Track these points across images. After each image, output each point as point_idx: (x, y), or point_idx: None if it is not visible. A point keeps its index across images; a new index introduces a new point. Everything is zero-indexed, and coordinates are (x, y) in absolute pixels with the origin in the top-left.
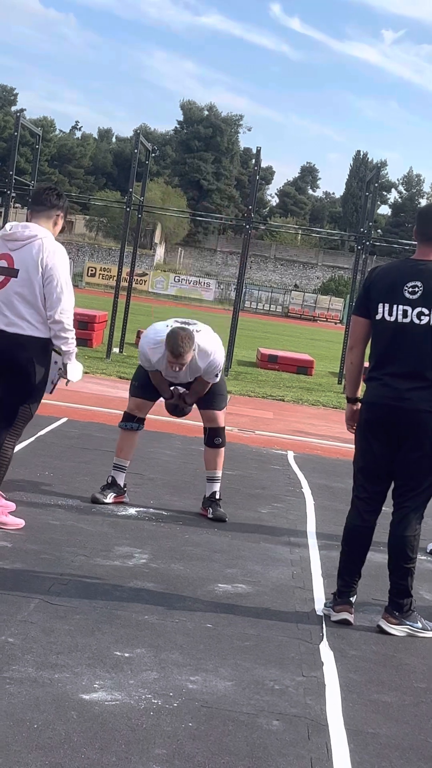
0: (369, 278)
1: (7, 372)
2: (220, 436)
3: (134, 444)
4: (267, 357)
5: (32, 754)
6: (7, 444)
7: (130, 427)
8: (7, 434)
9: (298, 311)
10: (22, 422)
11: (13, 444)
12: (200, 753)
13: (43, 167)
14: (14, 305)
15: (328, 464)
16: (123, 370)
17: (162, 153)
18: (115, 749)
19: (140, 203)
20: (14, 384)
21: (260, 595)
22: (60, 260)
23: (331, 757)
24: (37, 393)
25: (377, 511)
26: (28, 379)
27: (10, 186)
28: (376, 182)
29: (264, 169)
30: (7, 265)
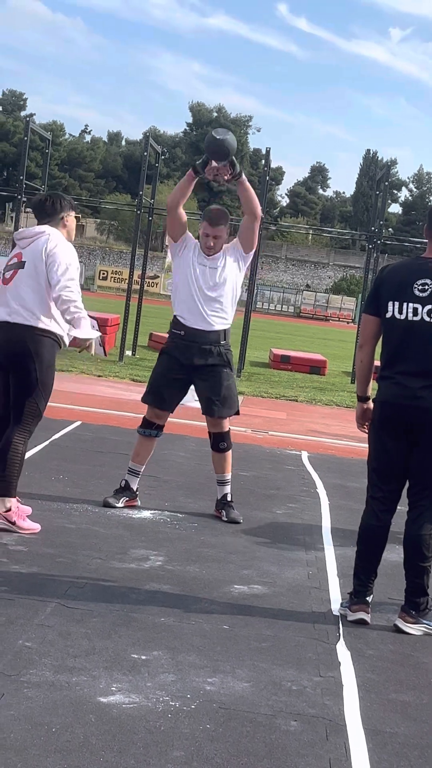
0: (379, 276)
1: (10, 368)
2: (225, 440)
3: (151, 450)
4: (279, 357)
5: (51, 758)
6: (17, 440)
7: (148, 434)
8: (17, 431)
9: (310, 311)
10: (30, 418)
11: (23, 440)
12: (219, 754)
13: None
14: (20, 295)
15: (343, 464)
16: (136, 373)
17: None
18: (134, 752)
19: (151, 206)
20: (19, 378)
21: (276, 595)
22: (64, 249)
23: (349, 757)
24: (42, 387)
25: (392, 510)
26: (30, 374)
27: (20, 191)
28: (387, 181)
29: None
30: (17, 260)
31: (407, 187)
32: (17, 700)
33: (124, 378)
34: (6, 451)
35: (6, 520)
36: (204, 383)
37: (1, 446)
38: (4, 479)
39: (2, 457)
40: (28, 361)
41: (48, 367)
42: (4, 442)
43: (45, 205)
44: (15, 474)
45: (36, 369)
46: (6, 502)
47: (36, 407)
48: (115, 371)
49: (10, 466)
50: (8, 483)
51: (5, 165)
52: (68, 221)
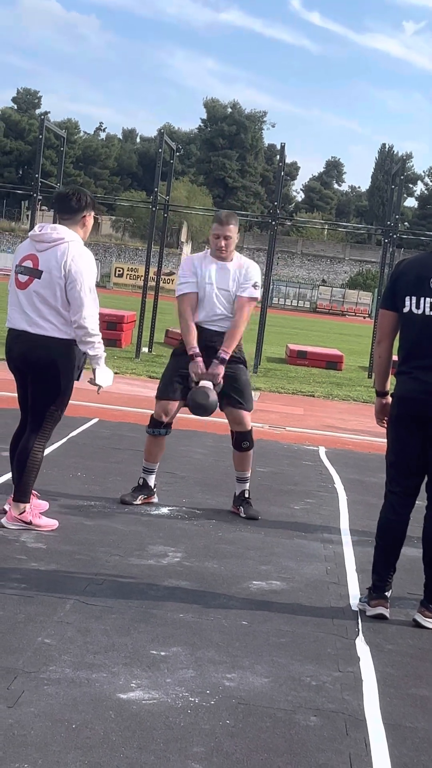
0: (395, 271)
1: (31, 374)
2: (248, 439)
3: (162, 448)
4: (296, 353)
5: (71, 754)
6: (36, 447)
7: (157, 433)
8: (36, 437)
9: (326, 306)
10: (50, 424)
11: (42, 446)
12: (238, 750)
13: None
14: (36, 306)
15: (360, 459)
16: (153, 370)
17: (186, 152)
18: (154, 748)
19: (166, 202)
20: (39, 386)
21: (295, 591)
22: (85, 265)
23: (369, 752)
24: (63, 395)
25: (411, 504)
26: (52, 381)
27: (36, 189)
28: (402, 175)
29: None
30: (32, 265)
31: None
32: (37, 697)
33: (141, 375)
34: (26, 459)
35: (22, 521)
36: (224, 379)
37: (19, 452)
38: (20, 485)
39: (21, 464)
40: (51, 371)
41: (69, 374)
42: (22, 449)
43: (71, 200)
44: (31, 481)
45: (58, 377)
46: (20, 507)
47: (56, 414)
48: (131, 368)
49: (27, 473)
50: (24, 489)
51: (21, 163)
52: (87, 221)
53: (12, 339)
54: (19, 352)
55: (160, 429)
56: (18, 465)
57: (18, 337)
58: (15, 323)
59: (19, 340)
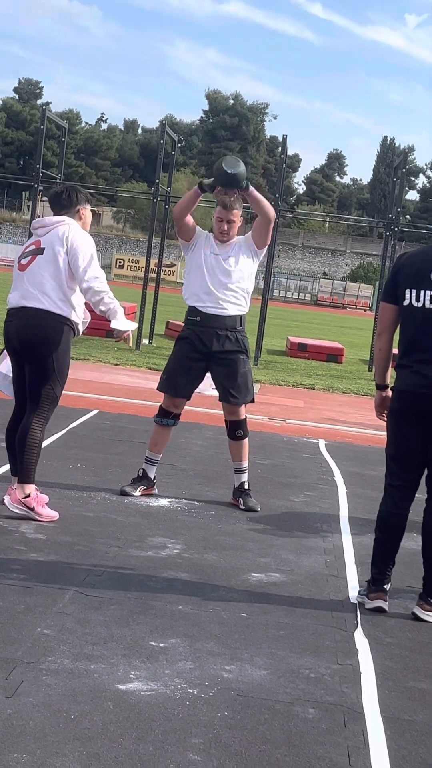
0: (396, 264)
1: (27, 353)
2: (242, 428)
3: (167, 438)
4: (297, 345)
5: (69, 745)
6: (35, 426)
7: (165, 422)
8: (35, 417)
9: (327, 299)
10: (47, 404)
11: (41, 426)
12: (237, 742)
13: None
14: (39, 281)
15: (360, 452)
16: (153, 361)
17: (188, 143)
18: (152, 739)
19: (167, 194)
20: (35, 365)
21: (294, 583)
22: (85, 240)
23: (368, 745)
24: (59, 374)
25: (411, 498)
26: (46, 359)
27: (37, 179)
28: (404, 167)
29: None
30: (35, 247)
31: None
32: (36, 688)
33: (141, 366)
34: (25, 438)
35: (25, 506)
36: (221, 369)
37: (19, 433)
38: (23, 466)
39: (21, 444)
40: (44, 348)
41: (64, 353)
42: (22, 429)
43: (61, 197)
44: (33, 460)
45: (52, 355)
46: (25, 489)
47: (53, 393)
48: (132, 359)
49: (28, 452)
50: (27, 469)
51: (22, 154)
52: (84, 214)
53: (9, 318)
54: (14, 330)
55: (168, 419)
56: (19, 446)
57: (14, 315)
58: (13, 301)
59: (15, 317)
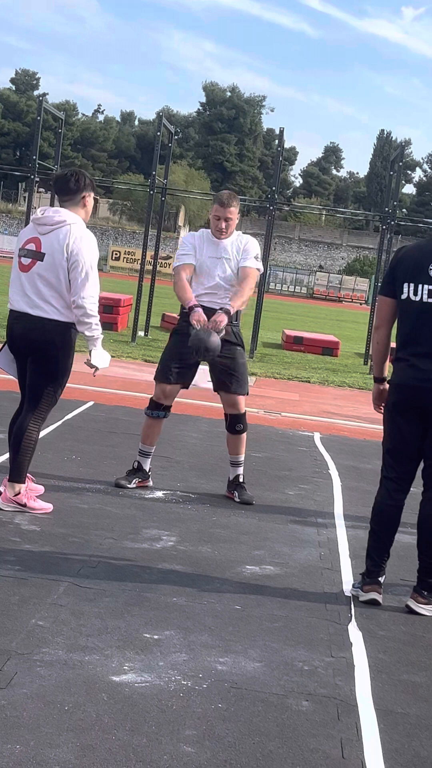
0: (395, 258)
1: (30, 355)
2: (242, 422)
3: (159, 431)
4: (292, 339)
5: (63, 736)
6: (31, 427)
7: (156, 415)
8: (32, 417)
9: (323, 292)
10: (46, 406)
11: (37, 427)
12: (230, 734)
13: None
14: (38, 288)
15: (355, 445)
16: (149, 354)
17: (185, 135)
18: (146, 731)
19: (164, 186)
20: (38, 367)
21: (288, 576)
22: (86, 246)
23: (360, 737)
24: (61, 377)
25: (406, 490)
26: (50, 363)
27: (33, 170)
28: (401, 161)
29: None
30: (35, 248)
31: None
32: (30, 679)
33: (137, 358)
34: (20, 438)
35: (17, 503)
36: (220, 361)
37: (15, 432)
38: (16, 465)
39: (16, 444)
40: (50, 350)
41: (68, 356)
42: (18, 428)
43: (69, 181)
44: (27, 461)
45: (57, 358)
46: (15, 487)
47: (53, 395)
48: (127, 351)
49: (23, 452)
50: (20, 469)
51: (18, 145)
52: (87, 201)
53: (13, 320)
54: (19, 334)
55: (159, 411)
56: (14, 445)
57: (18, 319)
58: (16, 305)
59: (19, 322)
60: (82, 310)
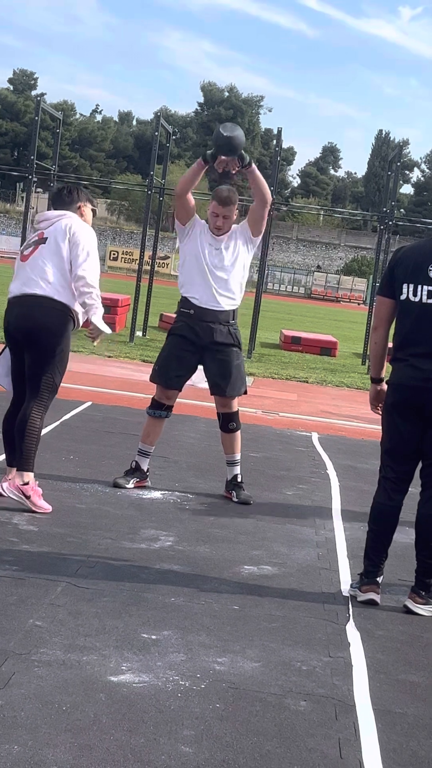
0: (394, 258)
1: (26, 345)
2: (234, 420)
3: (160, 430)
4: (290, 339)
5: (61, 736)
6: (34, 414)
7: (158, 415)
8: (34, 405)
9: (321, 292)
10: (47, 393)
11: (40, 414)
12: (228, 734)
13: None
14: (41, 268)
15: (353, 445)
16: (146, 354)
17: (183, 135)
18: (144, 731)
19: (161, 186)
20: (35, 353)
21: (286, 576)
22: (87, 232)
23: (359, 737)
24: (59, 362)
25: (404, 490)
26: (46, 346)
27: (31, 171)
28: (399, 161)
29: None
30: (39, 237)
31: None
32: (28, 679)
33: (135, 359)
34: (24, 426)
35: (22, 493)
36: (214, 363)
37: (19, 421)
38: (23, 453)
39: (20, 432)
40: (44, 335)
41: (64, 341)
42: (21, 417)
43: (62, 194)
44: (33, 448)
45: (53, 343)
46: (24, 476)
47: (52, 381)
48: (125, 352)
49: (28, 439)
50: (27, 457)
51: (16, 145)
52: (84, 211)
53: (10, 306)
54: (15, 318)
55: (161, 411)
56: (18, 434)
57: (15, 303)
58: (14, 291)
59: (16, 305)
60: (82, 281)
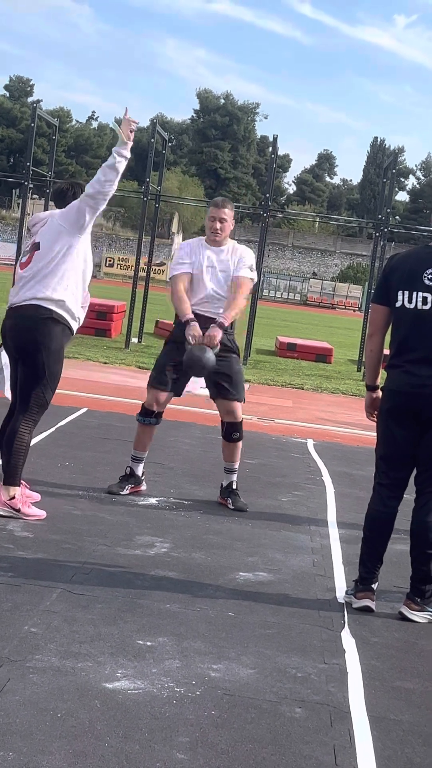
0: (388, 265)
1: (19, 356)
2: (238, 430)
3: (151, 437)
4: (286, 345)
5: (56, 743)
6: (23, 429)
7: (147, 422)
8: (23, 420)
9: (316, 299)
10: (37, 408)
11: (29, 430)
12: (223, 741)
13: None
14: (35, 271)
15: (348, 452)
16: (142, 360)
17: (179, 142)
18: (139, 737)
19: (157, 193)
20: (27, 368)
21: (281, 583)
22: None
23: (354, 744)
24: (50, 377)
25: (399, 497)
26: (38, 362)
27: (27, 177)
28: (394, 168)
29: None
30: (32, 243)
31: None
32: (23, 686)
33: (131, 365)
34: (12, 441)
35: (10, 507)
36: (216, 369)
37: (7, 435)
38: (9, 468)
39: (8, 447)
40: (37, 351)
41: (57, 356)
42: (10, 432)
43: (66, 193)
44: (20, 463)
45: (44, 358)
46: (10, 491)
47: (43, 397)
48: (121, 358)
49: (15, 455)
50: (13, 472)
51: (12, 151)
52: None
53: (7, 316)
54: (9, 330)
55: (151, 418)
56: (6, 448)
57: (11, 313)
58: (11, 300)
59: (12, 316)
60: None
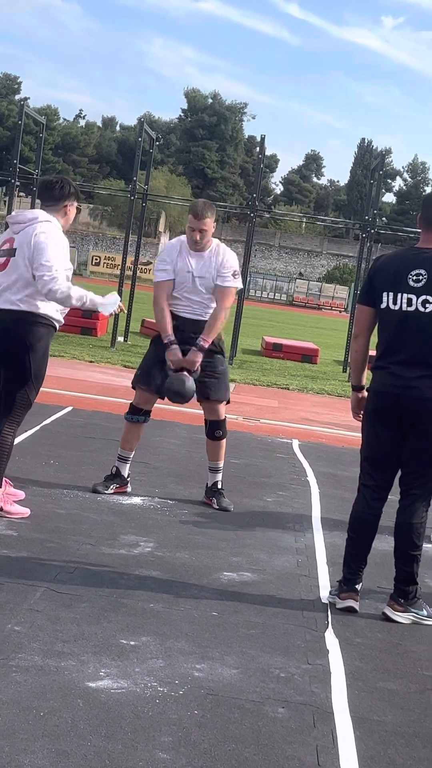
0: (373, 267)
1: (3, 356)
2: (221, 428)
3: (139, 436)
4: (272, 345)
5: (38, 742)
6: (6, 431)
7: (136, 420)
8: (6, 422)
9: (302, 299)
10: (21, 409)
11: (12, 431)
12: (206, 740)
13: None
14: (11, 281)
15: (333, 452)
16: (128, 359)
17: (166, 141)
18: (121, 737)
19: (144, 192)
20: (10, 369)
21: (265, 583)
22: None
23: (336, 745)
24: (35, 379)
25: (384, 498)
26: (23, 364)
27: (14, 175)
28: (381, 170)
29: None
30: (9, 247)
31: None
32: (5, 684)
33: (116, 364)
34: None
35: None
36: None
37: None
38: None
39: None
40: (21, 352)
41: (41, 357)
42: None
43: (54, 188)
44: (2, 464)
45: (29, 360)
46: None
47: (27, 398)
48: (107, 357)
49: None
50: None
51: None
52: (69, 210)
53: None
54: None
55: (139, 416)
56: None
57: None
58: None
59: None
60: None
